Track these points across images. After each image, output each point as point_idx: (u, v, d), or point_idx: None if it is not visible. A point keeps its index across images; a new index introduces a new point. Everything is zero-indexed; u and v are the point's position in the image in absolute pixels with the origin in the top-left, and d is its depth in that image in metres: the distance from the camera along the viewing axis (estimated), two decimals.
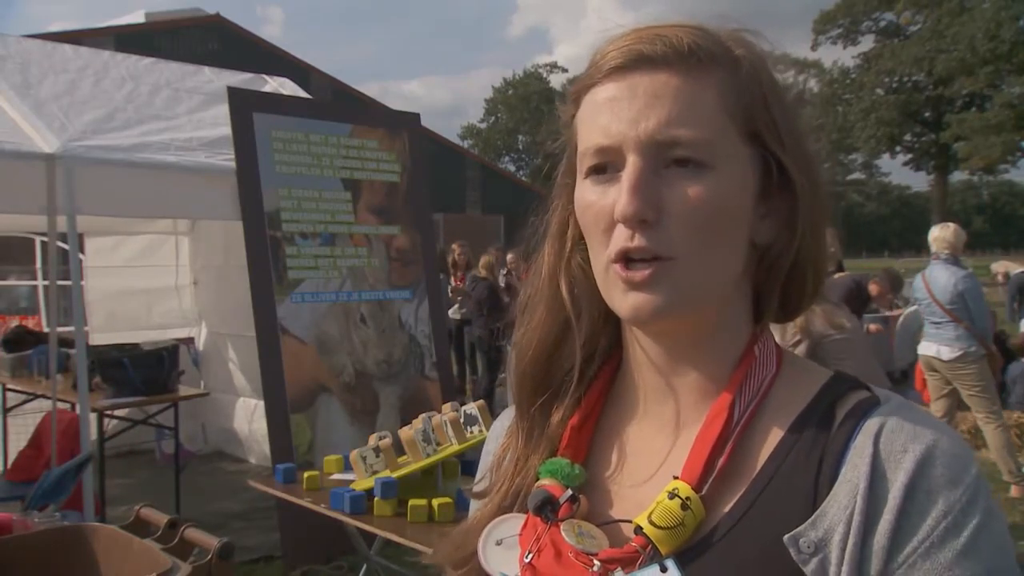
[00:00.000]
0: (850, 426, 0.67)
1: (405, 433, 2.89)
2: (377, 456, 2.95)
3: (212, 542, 1.80)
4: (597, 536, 0.71)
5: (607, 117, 0.69)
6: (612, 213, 0.68)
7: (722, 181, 0.67)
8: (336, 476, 3.23)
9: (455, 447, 2.84)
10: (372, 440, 3.00)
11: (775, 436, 0.70)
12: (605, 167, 0.70)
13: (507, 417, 0.86)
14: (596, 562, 0.68)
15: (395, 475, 2.83)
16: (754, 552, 0.65)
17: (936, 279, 5.47)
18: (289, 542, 4.11)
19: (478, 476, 0.87)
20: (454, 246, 8.81)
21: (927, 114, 41.42)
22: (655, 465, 0.74)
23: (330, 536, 3.78)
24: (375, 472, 2.93)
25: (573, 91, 0.75)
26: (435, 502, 2.74)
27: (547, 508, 0.72)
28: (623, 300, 0.69)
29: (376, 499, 2.78)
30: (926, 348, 5.60)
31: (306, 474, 3.18)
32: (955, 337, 5.37)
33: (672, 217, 0.67)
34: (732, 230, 0.70)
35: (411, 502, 2.74)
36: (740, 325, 0.75)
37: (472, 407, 2.91)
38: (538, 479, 0.76)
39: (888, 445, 0.64)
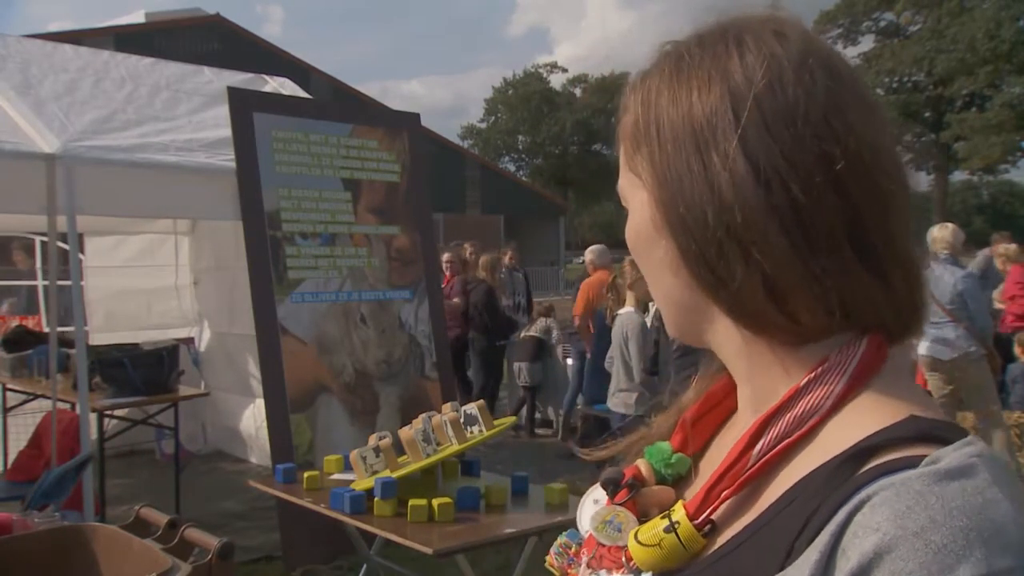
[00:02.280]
0: (856, 484, 0.55)
1: (405, 433, 2.89)
2: (377, 456, 2.96)
3: (212, 542, 1.80)
4: (625, 531, 0.69)
5: None
6: None
7: (632, 215, 0.71)
8: (336, 476, 3.24)
9: (455, 447, 2.84)
10: (372, 440, 3.00)
11: (792, 479, 0.61)
12: None
13: None
14: (587, 554, 0.70)
15: (395, 475, 2.83)
16: None
17: (935, 279, 5.47)
18: (289, 542, 4.11)
19: None
20: (466, 245, 8.84)
21: (927, 114, 41.38)
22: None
23: (330, 536, 3.78)
24: (375, 472, 2.93)
25: None
26: (435, 502, 2.74)
27: (610, 486, 0.74)
28: None
29: (376, 499, 2.78)
30: (926, 348, 5.60)
31: (306, 474, 3.18)
32: (955, 337, 5.38)
33: None
34: (657, 254, 0.68)
35: (411, 502, 2.74)
36: (767, 349, 0.66)
37: (472, 407, 2.92)
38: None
39: (865, 518, 0.52)
